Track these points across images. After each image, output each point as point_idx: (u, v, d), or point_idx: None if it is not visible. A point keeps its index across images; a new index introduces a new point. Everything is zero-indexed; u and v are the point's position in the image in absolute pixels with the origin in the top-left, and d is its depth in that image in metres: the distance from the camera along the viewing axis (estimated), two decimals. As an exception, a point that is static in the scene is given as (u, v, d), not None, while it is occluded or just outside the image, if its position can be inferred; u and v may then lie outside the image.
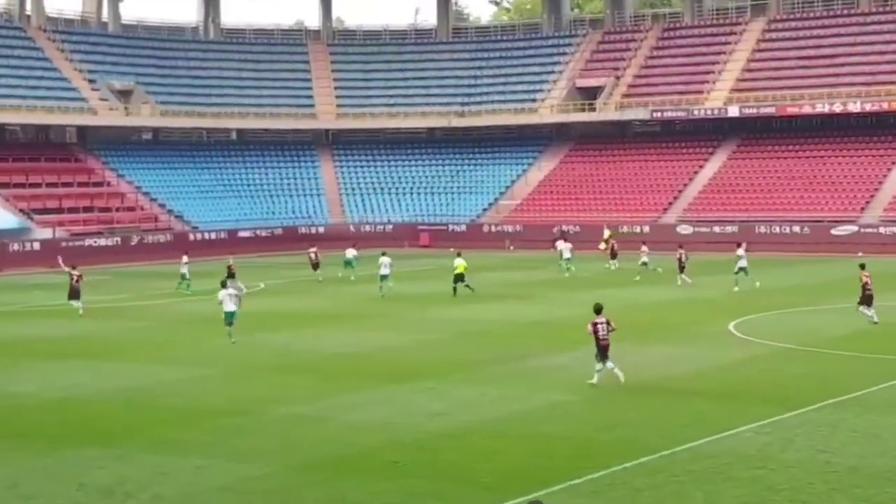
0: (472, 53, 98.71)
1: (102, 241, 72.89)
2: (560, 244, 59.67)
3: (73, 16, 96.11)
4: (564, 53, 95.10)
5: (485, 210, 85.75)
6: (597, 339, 26.28)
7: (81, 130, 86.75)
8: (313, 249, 58.15)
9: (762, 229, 72.88)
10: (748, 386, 26.49)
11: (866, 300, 36.28)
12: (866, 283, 36.36)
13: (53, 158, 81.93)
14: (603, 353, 26.25)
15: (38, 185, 77.56)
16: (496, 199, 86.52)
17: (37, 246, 69.08)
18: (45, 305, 46.63)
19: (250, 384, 27.85)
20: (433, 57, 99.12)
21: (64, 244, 70.56)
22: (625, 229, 74.06)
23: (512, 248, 72.86)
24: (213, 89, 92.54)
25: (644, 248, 55.95)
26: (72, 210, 76.48)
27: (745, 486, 17.89)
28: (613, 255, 60.72)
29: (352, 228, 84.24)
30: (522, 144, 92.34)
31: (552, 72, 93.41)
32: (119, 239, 73.62)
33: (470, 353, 32.12)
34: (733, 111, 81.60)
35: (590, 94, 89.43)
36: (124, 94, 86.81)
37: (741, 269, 48.99)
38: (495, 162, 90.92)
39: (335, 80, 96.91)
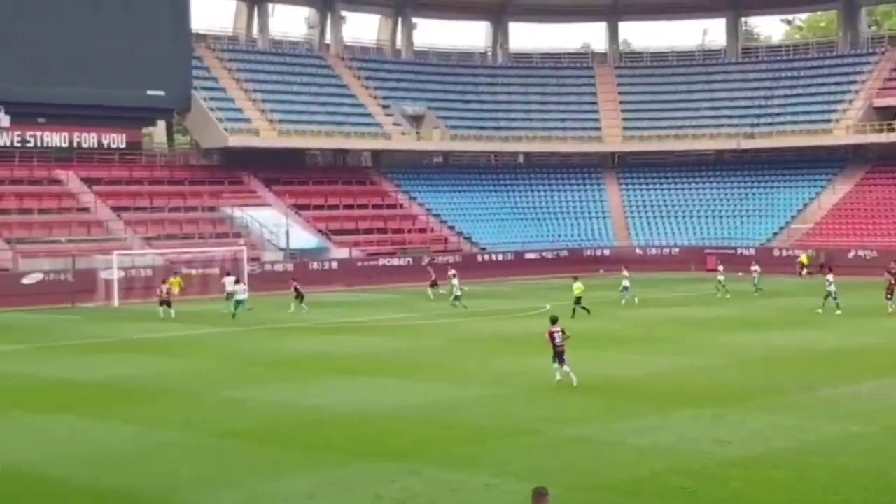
0: (762, 73, 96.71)
1: (395, 262, 75.13)
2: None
3: (368, 44, 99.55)
4: (861, 72, 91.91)
5: (775, 234, 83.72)
6: (554, 345, 30.51)
7: (376, 154, 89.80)
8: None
9: None
10: None
11: None
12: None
13: (350, 181, 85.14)
14: (560, 357, 30.50)
15: (335, 207, 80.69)
16: (787, 223, 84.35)
17: (335, 265, 71.83)
18: (341, 322, 48.38)
19: (540, 404, 28.10)
20: (722, 77, 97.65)
21: (359, 264, 73.13)
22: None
23: (804, 273, 70.92)
24: (501, 113, 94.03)
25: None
26: (367, 231, 79.15)
27: None
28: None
29: (638, 251, 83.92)
30: (815, 166, 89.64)
31: (848, 91, 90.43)
32: (410, 259, 75.69)
33: (758, 380, 31.42)
34: None
35: (888, 114, 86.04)
36: (416, 119, 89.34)
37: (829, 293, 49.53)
38: (786, 184, 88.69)
39: (621, 102, 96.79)
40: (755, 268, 63.35)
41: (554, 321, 30.97)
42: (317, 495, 19.52)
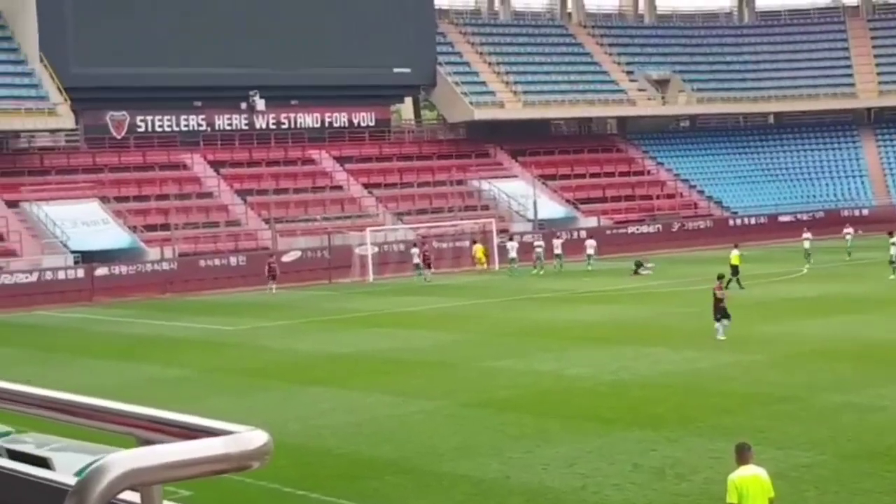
0: None
1: (644, 229, 74.47)
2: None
3: (610, 10, 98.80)
4: None
5: None
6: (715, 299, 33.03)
7: (621, 121, 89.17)
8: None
9: None
10: None
11: None
12: None
13: (596, 149, 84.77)
14: (717, 313, 32.72)
15: (582, 176, 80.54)
16: None
17: (583, 234, 71.69)
18: (592, 291, 48.41)
19: (799, 371, 27.50)
20: None
21: (608, 232, 72.86)
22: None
23: None
24: (749, 73, 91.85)
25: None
26: (614, 199, 78.71)
27: None
28: None
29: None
30: None
31: None
32: (660, 226, 74.89)
33: None
34: None
35: None
36: (661, 84, 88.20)
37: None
38: None
39: (876, 56, 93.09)
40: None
41: (720, 277, 35.02)
42: (576, 463, 19.64)
